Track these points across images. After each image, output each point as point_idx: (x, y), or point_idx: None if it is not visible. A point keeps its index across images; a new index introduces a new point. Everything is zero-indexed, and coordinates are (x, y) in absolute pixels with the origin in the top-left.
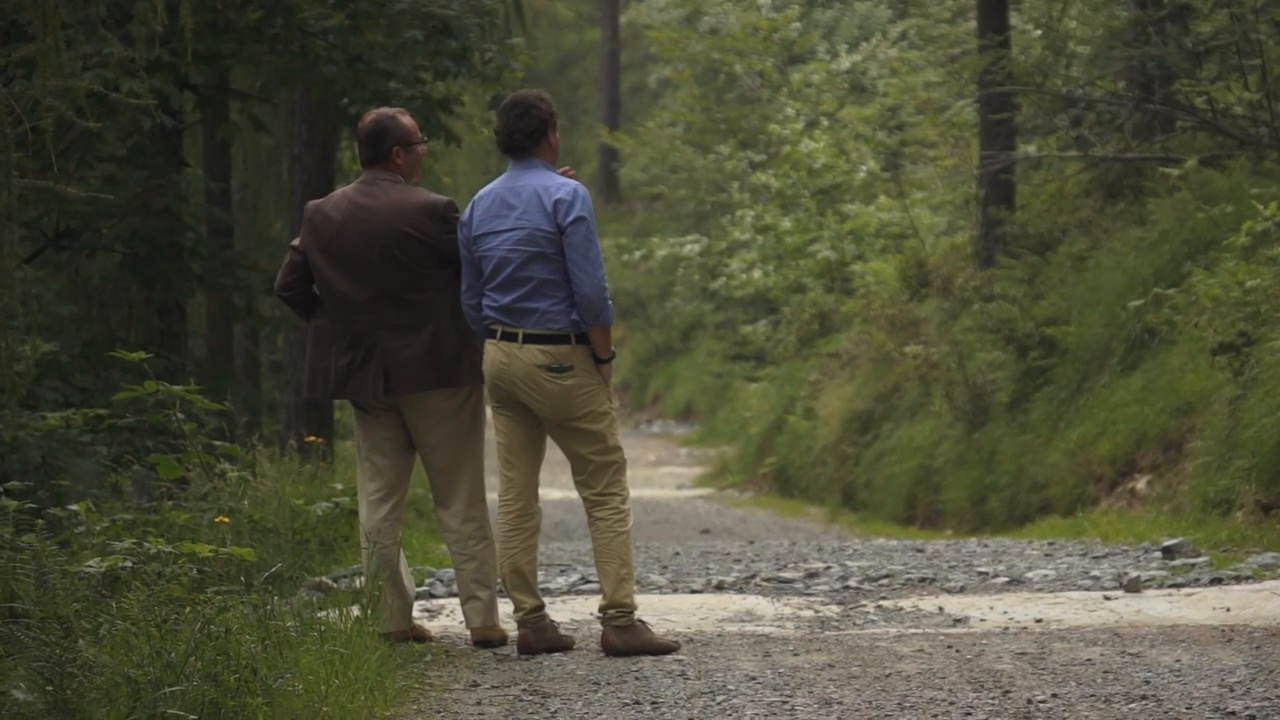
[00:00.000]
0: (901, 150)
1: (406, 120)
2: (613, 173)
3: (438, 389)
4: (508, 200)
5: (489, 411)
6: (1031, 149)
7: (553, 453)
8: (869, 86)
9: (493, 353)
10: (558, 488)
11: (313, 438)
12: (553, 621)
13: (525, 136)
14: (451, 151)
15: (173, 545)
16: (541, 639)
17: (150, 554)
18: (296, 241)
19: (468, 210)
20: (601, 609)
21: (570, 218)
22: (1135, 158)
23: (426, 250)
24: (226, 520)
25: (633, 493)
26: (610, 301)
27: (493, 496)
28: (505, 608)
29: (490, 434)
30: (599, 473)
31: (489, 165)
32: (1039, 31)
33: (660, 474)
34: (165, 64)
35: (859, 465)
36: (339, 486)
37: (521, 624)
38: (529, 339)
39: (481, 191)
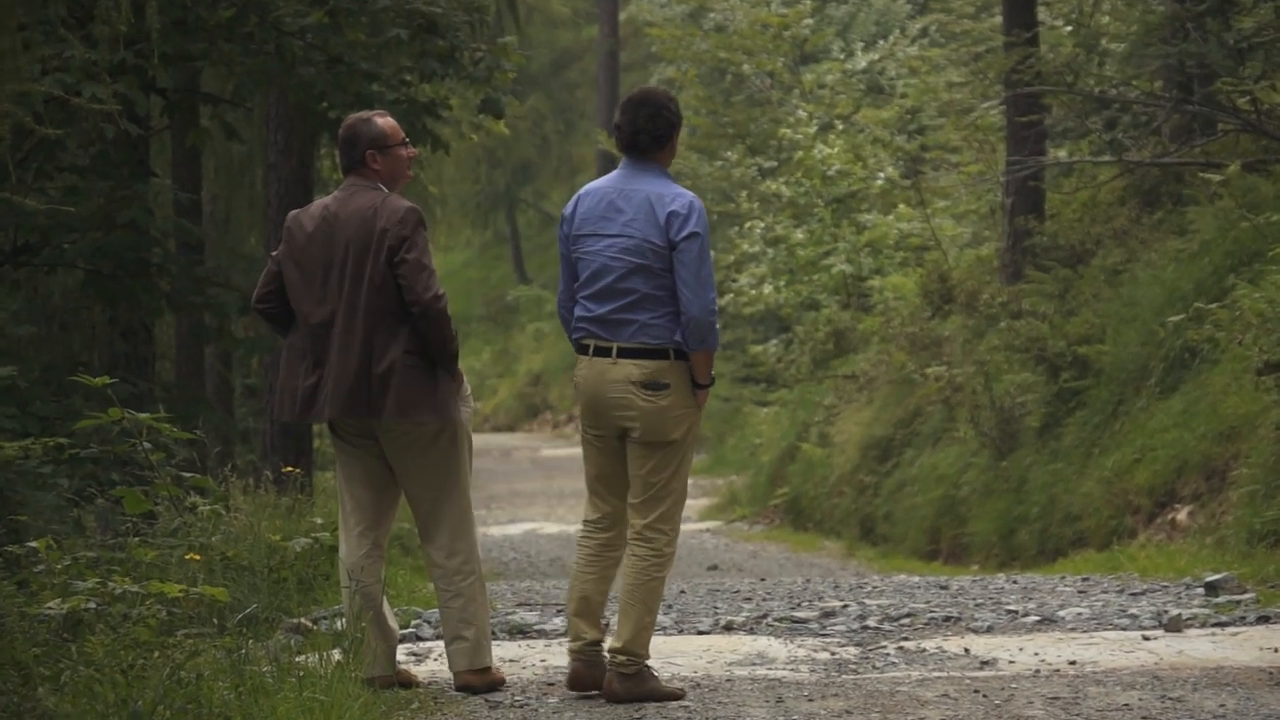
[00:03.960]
0: (922, 156)
1: (383, 121)
2: None
3: (396, 417)
4: (616, 203)
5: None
6: (1062, 154)
7: (550, 483)
8: (887, 87)
9: (584, 372)
10: (554, 521)
11: (290, 468)
12: (607, 660)
13: (651, 139)
14: (439, 159)
15: (139, 585)
16: (596, 675)
17: (115, 594)
18: (276, 252)
19: (570, 205)
20: (611, 651)
21: (684, 233)
22: (1174, 163)
23: (386, 259)
24: (197, 558)
25: None
26: (717, 326)
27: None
28: (499, 650)
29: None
30: (653, 503)
31: (480, 174)
32: (1069, 27)
33: None
34: (130, 66)
35: (878, 496)
36: (318, 521)
37: (577, 655)
38: (624, 353)
39: (588, 187)
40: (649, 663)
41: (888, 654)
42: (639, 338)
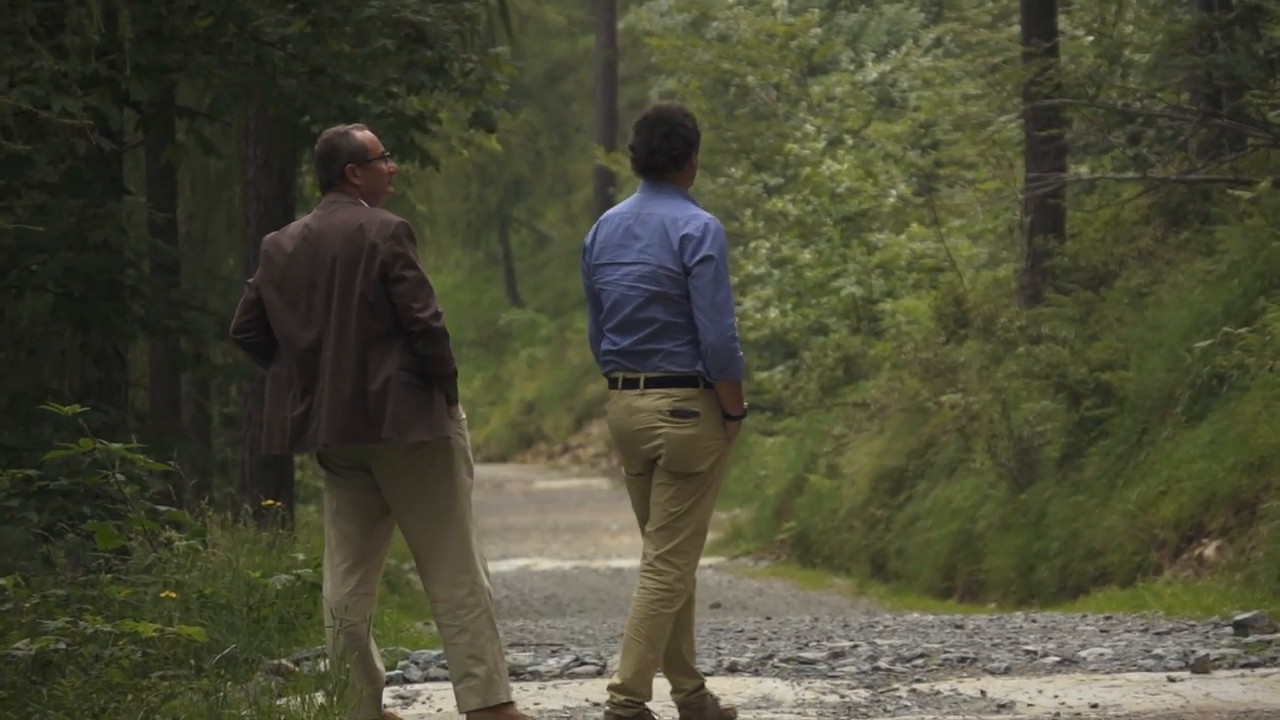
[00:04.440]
0: (936, 172)
1: (362, 135)
2: (609, 199)
3: (393, 435)
4: (633, 229)
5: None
6: (1084, 170)
7: (544, 517)
8: (899, 100)
9: (614, 405)
10: (548, 557)
11: (270, 501)
12: (714, 697)
13: (668, 159)
14: (428, 176)
15: (112, 624)
16: (703, 718)
17: (87, 634)
18: (254, 278)
19: (590, 234)
20: (610, 689)
21: (698, 257)
22: (1201, 179)
23: (379, 275)
24: (173, 595)
25: (632, 562)
26: (740, 353)
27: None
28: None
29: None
30: (667, 534)
31: (470, 191)
32: (1091, 37)
33: None
34: (102, 78)
35: (890, 530)
36: (301, 556)
37: (683, 706)
38: (651, 383)
39: (608, 213)
40: (649, 705)
41: (900, 697)
42: (664, 366)
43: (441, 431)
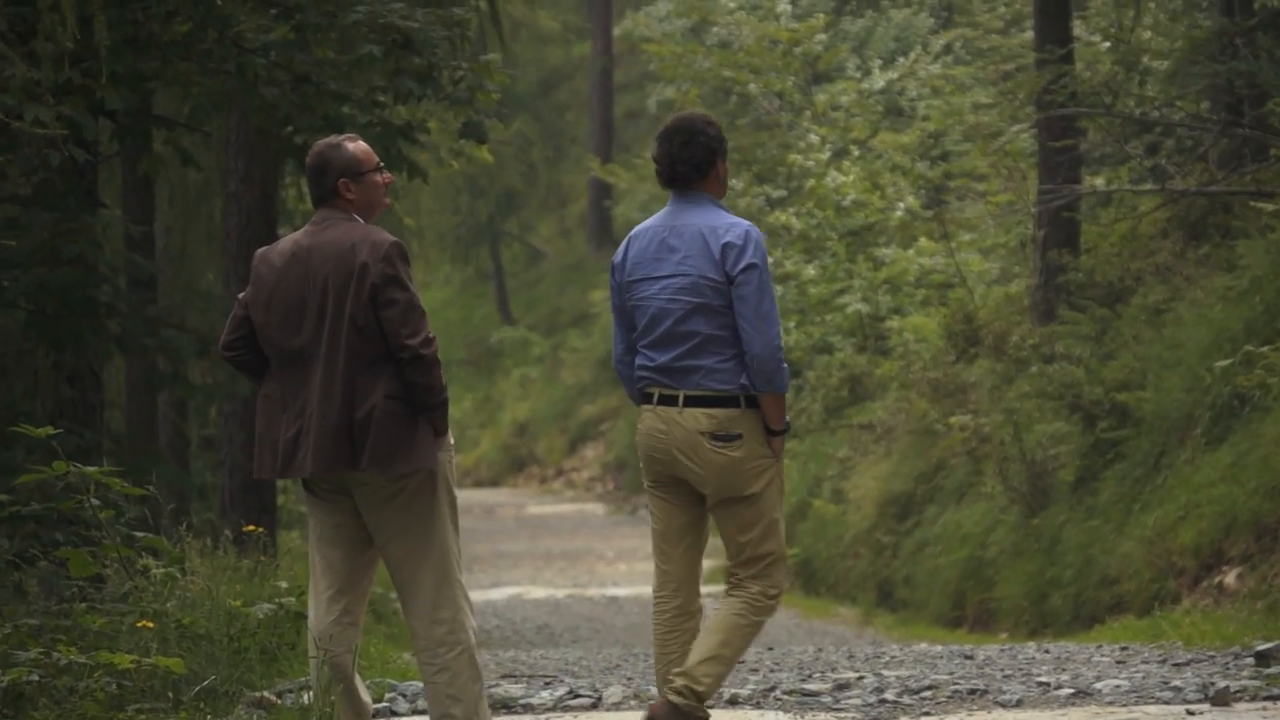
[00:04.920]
0: (946, 184)
1: (354, 146)
2: (605, 212)
3: (374, 469)
4: (668, 241)
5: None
6: (1099, 182)
7: (536, 544)
8: (907, 109)
9: (649, 421)
10: (541, 585)
11: (251, 527)
12: None
13: (690, 167)
14: (416, 188)
15: (87, 655)
16: None
17: (60, 665)
18: (243, 295)
19: (620, 251)
20: (672, 674)
21: (741, 265)
22: (1222, 191)
23: (369, 298)
24: (150, 625)
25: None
26: (785, 364)
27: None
28: None
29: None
30: (751, 564)
31: (460, 204)
32: (1108, 43)
33: None
34: (77, 86)
35: (897, 557)
36: (283, 584)
37: None
38: (691, 401)
39: (637, 229)
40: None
41: None
42: (706, 384)
43: (426, 464)
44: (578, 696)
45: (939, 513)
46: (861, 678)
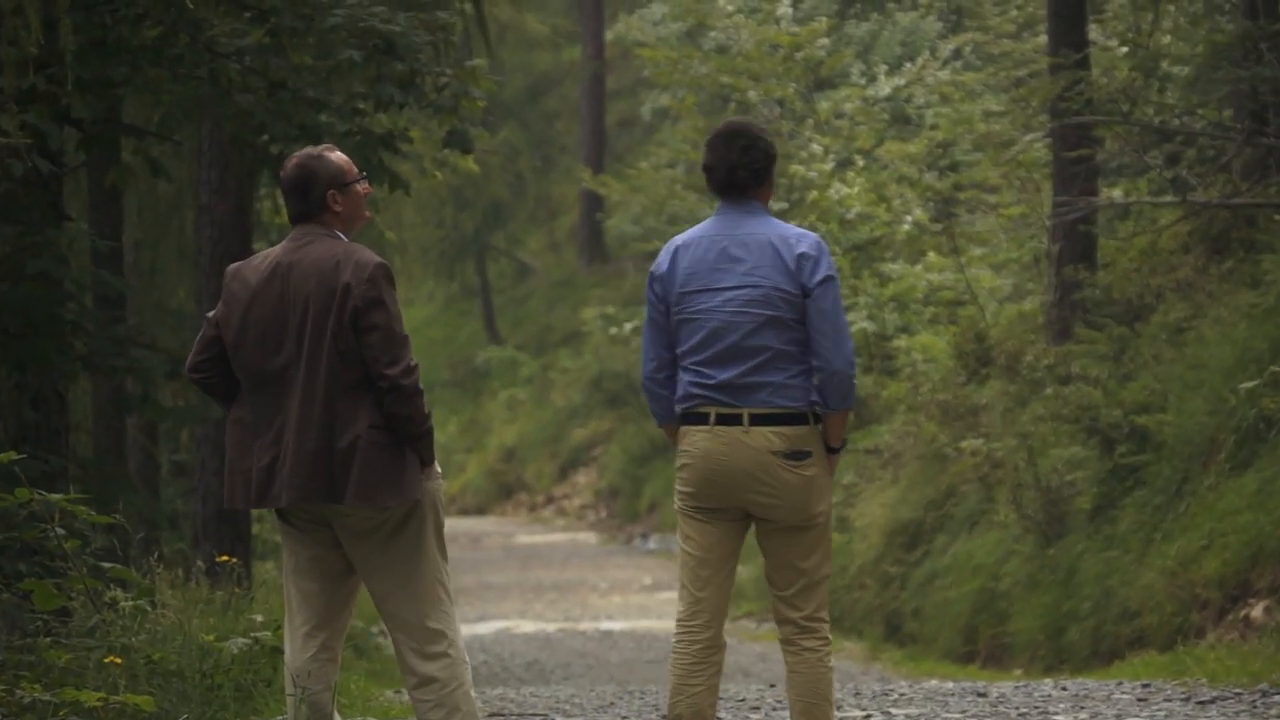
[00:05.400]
0: (955, 196)
1: (336, 156)
2: (597, 225)
3: (358, 503)
4: (730, 250)
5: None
6: (1117, 194)
7: (525, 574)
8: (915, 117)
9: (705, 443)
10: (530, 618)
11: (225, 557)
12: None
13: (751, 174)
14: (398, 200)
15: (52, 693)
16: None
17: (24, 703)
18: (213, 313)
19: (664, 260)
20: None
21: (819, 277)
22: (1246, 204)
23: (351, 320)
24: (119, 661)
25: (622, 624)
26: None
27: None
28: None
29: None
30: (810, 592)
31: (445, 217)
32: (1125, 48)
33: (658, 601)
34: (41, 94)
35: (905, 589)
36: (259, 618)
37: None
38: (758, 420)
39: (684, 239)
40: None
41: None
42: (774, 401)
43: (413, 496)
44: None
45: (949, 542)
46: (869, 716)
